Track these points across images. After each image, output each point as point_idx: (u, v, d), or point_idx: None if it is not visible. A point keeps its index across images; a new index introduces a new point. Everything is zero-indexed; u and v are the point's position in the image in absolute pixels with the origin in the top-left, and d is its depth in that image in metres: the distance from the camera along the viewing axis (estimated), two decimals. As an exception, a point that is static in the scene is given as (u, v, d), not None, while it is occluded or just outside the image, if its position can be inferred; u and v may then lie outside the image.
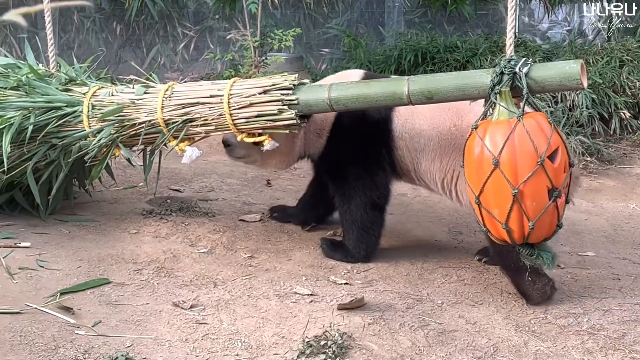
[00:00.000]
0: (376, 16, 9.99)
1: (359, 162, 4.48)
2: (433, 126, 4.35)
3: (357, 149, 4.47)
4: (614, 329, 3.87)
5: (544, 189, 3.51)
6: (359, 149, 4.47)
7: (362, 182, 4.49)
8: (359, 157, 4.47)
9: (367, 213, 4.51)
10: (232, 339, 3.56)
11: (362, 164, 4.48)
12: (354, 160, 4.48)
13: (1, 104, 4.44)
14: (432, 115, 4.35)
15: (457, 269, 4.45)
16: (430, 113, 4.36)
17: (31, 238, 4.43)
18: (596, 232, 5.30)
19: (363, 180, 4.48)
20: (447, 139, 4.31)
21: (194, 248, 4.51)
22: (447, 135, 4.30)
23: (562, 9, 9.86)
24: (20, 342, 3.37)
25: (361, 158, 4.47)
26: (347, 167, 4.50)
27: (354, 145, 4.47)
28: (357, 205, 4.50)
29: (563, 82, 3.61)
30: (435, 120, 4.34)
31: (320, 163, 4.68)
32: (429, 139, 4.36)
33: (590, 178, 6.63)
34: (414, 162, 4.45)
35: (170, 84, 4.48)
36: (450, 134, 4.30)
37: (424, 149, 4.39)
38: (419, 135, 4.38)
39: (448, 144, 4.31)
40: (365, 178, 4.48)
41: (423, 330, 3.73)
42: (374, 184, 4.50)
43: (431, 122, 4.35)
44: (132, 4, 9.48)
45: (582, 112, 7.33)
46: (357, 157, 4.47)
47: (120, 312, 3.73)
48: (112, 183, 5.32)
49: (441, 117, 4.33)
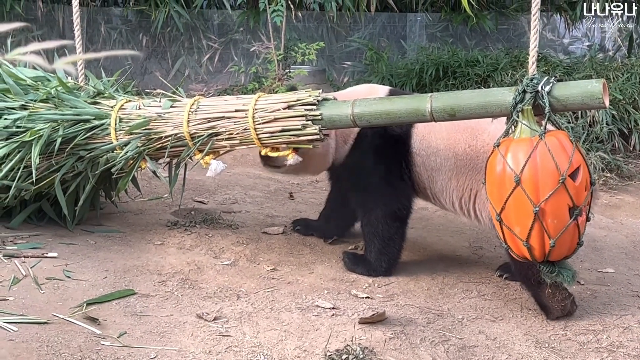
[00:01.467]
0: (398, 30, 9.99)
1: (380, 173, 4.48)
2: (449, 146, 4.35)
3: (379, 160, 4.48)
4: (633, 347, 3.85)
5: (565, 207, 3.50)
6: (381, 159, 4.47)
7: (383, 193, 4.49)
8: (381, 168, 4.47)
9: (388, 225, 4.50)
10: (254, 351, 3.56)
11: (383, 176, 4.48)
12: (375, 171, 4.48)
13: (31, 117, 4.47)
14: (448, 135, 4.35)
15: (478, 284, 4.44)
16: (446, 133, 4.36)
17: (58, 248, 4.45)
18: (616, 249, 5.27)
19: (384, 191, 4.49)
20: (463, 159, 4.31)
21: (217, 260, 4.52)
22: (463, 156, 4.31)
23: (582, 24, 9.83)
24: (47, 352, 3.38)
25: (382, 169, 4.48)
26: (369, 178, 4.50)
27: (376, 155, 4.48)
28: (378, 217, 4.50)
29: (585, 101, 3.60)
30: (451, 140, 4.34)
31: (342, 171, 4.66)
32: (445, 159, 4.36)
33: (610, 194, 6.60)
34: (430, 180, 4.45)
35: (196, 98, 4.50)
36: (466, 154, 4.30)
37: (440, 167, 4.39)
38: (435, 154, 4.38)
39: (464, 164, 4.31)
40: (386, 189, 4.49)
41: (444, 346, 3.72)
42: (395, 196, 4.50)
43: (447, 141, 4.36)
44: (158, 16, 9.53)
45: (602, 128, 7.31)
46: (378, 168, 4.47)
47: (145, 323, 3.74)
48: (137, 194, 5.34)
49: (457, 137, 4.34)
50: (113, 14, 9.98)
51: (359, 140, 4.52)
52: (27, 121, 4.46)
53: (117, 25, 9.88)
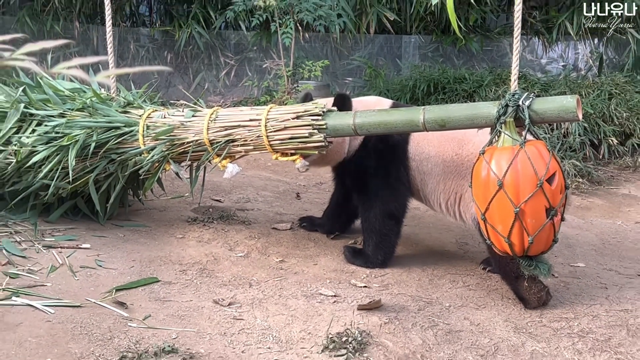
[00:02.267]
0: (394, 50, 9.99)
1: (381, 174, 4.47)
2: (439, 153, 4.35)
3: (381, 162, 4.47)
4: (601, 333, 3.83)
5: (543, 208, 3.50)
6: (383, 162, 4.47)
7: (382, 193, 4.49)
8: (382, 170, 4.47)
9: (384, 222, 4.50)
10: (264, 333, 3.56)
11: (383, 177, 4.47)
12: (377, 172, 4.47)
13: (68, 124, 4.48)
14: (439, 143, 4.36)
15: (463, 276, 4.43)
16: (437, 141, 4.36)
17: (91, 240, 4.46)
18: (586, 246, 5.26)
19: (383, 192, 4.48)
20: (450, 165, 4.31)
21: (232, 252, 4.52)
22: (450, 162, 4.31)
23: (558, 46, 9.82)
24: (80, 332, 3.38)
25: (383, 171, 4.47)
26: (371, 178, 4.49)
27: (379, 157, 4.47)
28: (376, 215, 4.50)
29: (561, 115, 3.60)
30: (441, 148, 4.35)
31: (348, 166, 4.62)
32: (435, 164, 4.36)
33: (581, 197, 6.59)
34: (422, 183, 4.45)
35: (215, 108, 4.51)
36: (452, 161, 4.30)
37: (431, 172, 4.39)
38: (427, 160, 4.39)
39: (450, 170, 4.31)
40: (385, 190, 4.48)
41: (432, 330, 3.72)
42: (392, 196, 4.50)
43: (438, 149, 4.36)
44: (181, 36, 9.55)
45: (575, 139, 7.30)
46: (380, 169, 4.47)
47: (167, 307, 3.74)
48: (162, 193, 5.35)
49: (446, 146, 4.34)
50: (141, 34, 9.98)
51: (367, 138, 4.51)
52: (64, 128, 4.46)
53: (145, 43, 9.89)
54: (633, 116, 7.61)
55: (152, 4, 10.19)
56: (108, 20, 5.14)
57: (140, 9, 10.23)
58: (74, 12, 9.52)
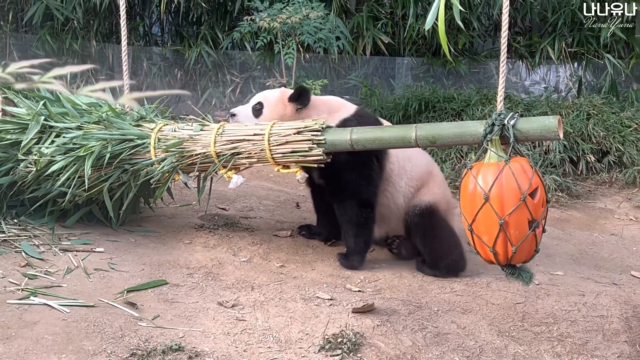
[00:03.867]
0: (388, 70, 10.00)
1: (354, 166, 4.44)
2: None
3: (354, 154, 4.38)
4: (579, 337, 3.84)
5: (525, 221, 3.50)
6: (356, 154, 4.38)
7: (356, 184, 4.46)
8: (355, 161, 4.43)
9: (361, 211, 4.49)
10: (265, 334, 3.56)
11: (358, 170, 4.45)
12: (350, 165, 4.43)
13: (85, 135, 4.48)
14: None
15: (451, 282, 4.42)
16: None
17: (104, 245, 4.45)
18: (565, 256, 5.27)
19: (357, 182, 4.46)
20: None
21: (236, 257, 4.51)
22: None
23: (540, 70, 9.84)
24: (94, 331, 3.38)
25: (356, 162, 4.43)
26: (344, 171, 4.45)
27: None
28: (352, 205, 4.48)
29: (543, 134, 3.61)
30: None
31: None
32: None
33: (561, 210, 6.60)
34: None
35: (222, 123, 4.51)
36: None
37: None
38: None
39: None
40: (359, 180, 4.46)
41: (422, 332, 3.72)
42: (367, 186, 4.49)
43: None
44: (191, 55, 9.56)
45: (556, 156, 7.31)
46: (353, 162, 4.43)
47: (175, 308, 3.73)
48: (171, 201, 5.34)
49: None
50: (154, 52, 9.99)
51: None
52: (81, 139, 4.46)
53: (157, 61, 9.89)
54: (609, 135, 7.62)
55: (164, 25, 10.20)
56: (124, 39, 5.15)
57: (153, 29, 10.24)
58: (91, 32, 9.53)
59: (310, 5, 8.01)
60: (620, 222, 6.38)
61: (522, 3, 9.68)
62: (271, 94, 4.66)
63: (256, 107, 4.60)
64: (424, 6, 9.53)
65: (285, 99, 4.55)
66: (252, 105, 4.63)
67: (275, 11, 7.83)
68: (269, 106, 4.56)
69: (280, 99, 4.57)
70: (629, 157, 7.47)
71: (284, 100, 4.55)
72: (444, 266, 4.48)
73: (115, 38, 9.76)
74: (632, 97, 8.86)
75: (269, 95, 4.66)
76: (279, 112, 4.52)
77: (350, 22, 9.62)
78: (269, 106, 4.56)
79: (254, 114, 4.58)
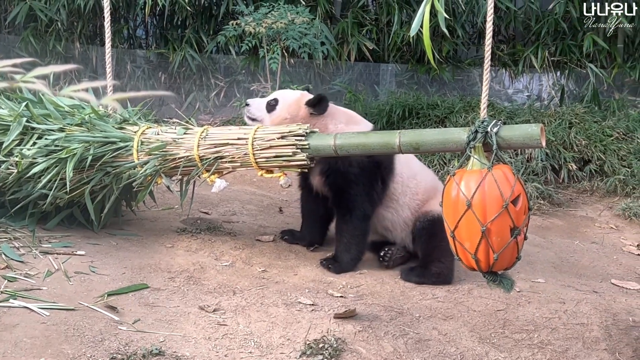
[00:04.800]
0: (372, 77, 10.01)
1: (362, 181, 4.54)
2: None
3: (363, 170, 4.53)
4: (559, 344, 3.86)
5: (507, 228, 3.50)
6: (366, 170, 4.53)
7: (362, 198, 4.54)
8: (363, 176, 4.54)
9: (360, 222, 4.59)
10: (246, 339, 3.55)
11: (365, 187, 4.54)
12: (358, 179, 4.53)
13: (67, 138, 4.45)
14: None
15: (432, 289, 4.43)
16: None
17: (85, 248, 4.42)
18: (546, 263, 5.29)
19: (362, 196, 4.54)
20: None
21: (218, 261, 4.49)
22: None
23: (523, 78, 9.89)
24: (73, 334, 3.36)
25: (364, 178, 4.54)
26: (352, 184, 4.54)
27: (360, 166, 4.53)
28: (358, 217, 4.57)
29: (526, 142, 3.62)
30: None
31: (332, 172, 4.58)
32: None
33: (542, 218, 6.63)
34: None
35: (206, 127, 4.50)
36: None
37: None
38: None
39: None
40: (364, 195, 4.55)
41: (403, 339, 3.72)
42: (368, 201, 4.58)
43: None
44: (175, 58, 9.52)
45: (538, 164, 7.34)
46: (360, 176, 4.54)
47: (155, 312, 3.71)
48: (153, 205, 5.31)
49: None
50: (137, 55, 9.94)
51: None
52: (63, 141, 4.43)
53: (141, 64, 9.84)
54: (591, 144, 7.66)
55: (148, 28, 10.15)
56: (108, 41, 5.12)
57: (137, 32, 10.19)
58: (75, 34, 9.46)
59: (295, 10, 8.02)
60: (601, 231, 6.41)
61: (506, 12, 9.73)
62: (290, 94, 4.72)
63: (271, 102, 4.62)
64: (408, 13, 9.57)
65: (302, 102, 4.56)
66: (267, 99, 4.65)
67: (261, 16, 7.82)
68: (284, 104, 4.58)
69: (297, 101, 4.59)
70: (610, 166, 7.52)
71: (300, 102, 4.57)
72: (436, 272, 4.53)
73: (99, 40, 9.71)
74: (613, 106, 8.92)
75: (287, 94, 4.72)
76: (292, 113, 4.54)
77: (335, 28, 9.64)
78: (284, 104, 4.58)
79: (267, 109, 4.61)
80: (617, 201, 7.10)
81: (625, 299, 4.59)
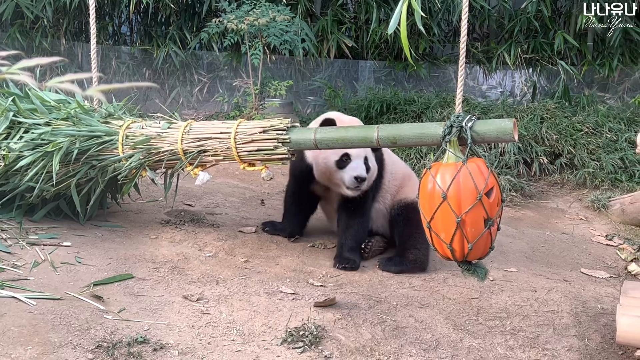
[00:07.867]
0: (351, 73, 10.01)
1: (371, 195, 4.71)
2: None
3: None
4: (530, 331, 3.89)
5: (481, 219, 3.52)
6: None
7: (368, 207, 4.67)
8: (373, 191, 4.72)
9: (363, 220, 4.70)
10: (229, 327, 3.54)
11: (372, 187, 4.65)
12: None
13: (53, 132, 4.42)
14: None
15: (409, 278, 4.45)
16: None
17: (72, 239, 4.40)
18: (518, 253, 5.32)
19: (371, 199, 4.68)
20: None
21: (201, 252, 4.48)
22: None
23: (497, 75, 9.94)
24: (60, 323, 3.34)
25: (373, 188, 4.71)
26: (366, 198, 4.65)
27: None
28: (363, 222, 4.70)
29: (499, 136, 3.63)
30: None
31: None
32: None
33: (515, 209, 6.67)
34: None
35: (189, 121, 4.48)
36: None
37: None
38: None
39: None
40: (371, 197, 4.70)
41: (381, 326, 3.73)
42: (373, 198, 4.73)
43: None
44: (159, 55, 9.47)
45: (510, 157, 7.39)
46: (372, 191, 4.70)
47: (140, 301, 3.70)
48: (138, 197, 5.29)
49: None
50: (122, 51, 9.87)
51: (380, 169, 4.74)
52: (50, 135, 4.40)
53: (126, 60, 9.77)
54: (562, 138, 7.71)
55: (133, 25, 10.07)
56: (93, 38, 5.08)
57: (122, 29, 10.12)
58: (61, 30, 9.38)
59: (276, 8, 8.00)
60: (571, 222, 6.46)
61: (480, 10, 9.76)
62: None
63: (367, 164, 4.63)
64: (386, 11, 9.57)
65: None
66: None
67: (243, 13, 7.79)
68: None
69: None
70: (580, 160, 7.58)
71: None
72: (412, 258, 4.56)
73: (84, 37, 9.64)
74: (583, 102, 8.98)
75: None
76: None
77: (316, 26, 9.62)
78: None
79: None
80: (587, 193, 7.16)
81: (594, 287, 4.64)
